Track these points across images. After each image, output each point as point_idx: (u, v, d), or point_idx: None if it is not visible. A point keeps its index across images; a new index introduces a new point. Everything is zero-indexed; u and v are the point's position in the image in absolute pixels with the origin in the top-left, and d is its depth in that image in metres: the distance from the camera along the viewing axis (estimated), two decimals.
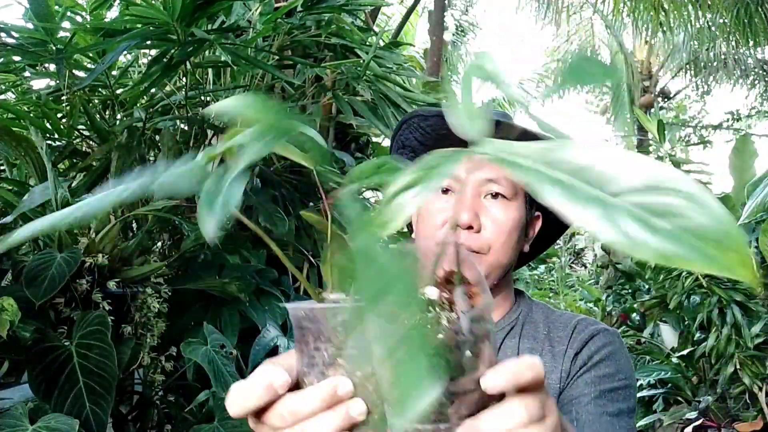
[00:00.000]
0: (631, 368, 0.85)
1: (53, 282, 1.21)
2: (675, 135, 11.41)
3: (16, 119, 1.49)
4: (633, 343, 3.35)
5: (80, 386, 1.22)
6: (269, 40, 1.78)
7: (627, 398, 0.80)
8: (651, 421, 2.67)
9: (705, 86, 10.19)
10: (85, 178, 1.58)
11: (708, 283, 2.43)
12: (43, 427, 1.06)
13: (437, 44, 4.62)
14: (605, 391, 0.79)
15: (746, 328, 2.27)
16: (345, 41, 1.80)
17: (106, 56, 1.40)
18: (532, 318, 0.91)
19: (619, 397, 0.80)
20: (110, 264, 1.41)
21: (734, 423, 2.36)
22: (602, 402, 0.78)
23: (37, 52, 1.42)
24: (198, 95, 1.84)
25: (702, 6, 6.48)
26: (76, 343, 1.26)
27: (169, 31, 1.35)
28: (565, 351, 0.85)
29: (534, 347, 0.86)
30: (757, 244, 2.34)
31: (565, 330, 0.87)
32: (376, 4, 2.26)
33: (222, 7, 1.49)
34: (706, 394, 2.55)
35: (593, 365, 0.82)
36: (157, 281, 1.50)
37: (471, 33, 10.03)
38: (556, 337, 0.87)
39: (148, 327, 1.45)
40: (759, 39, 6.54)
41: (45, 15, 1.38)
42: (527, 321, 0.90)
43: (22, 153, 1.43)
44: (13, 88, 1.73)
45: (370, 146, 2.56)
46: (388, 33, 4.82)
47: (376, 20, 3.19)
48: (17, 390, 1.35)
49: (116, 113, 1.72)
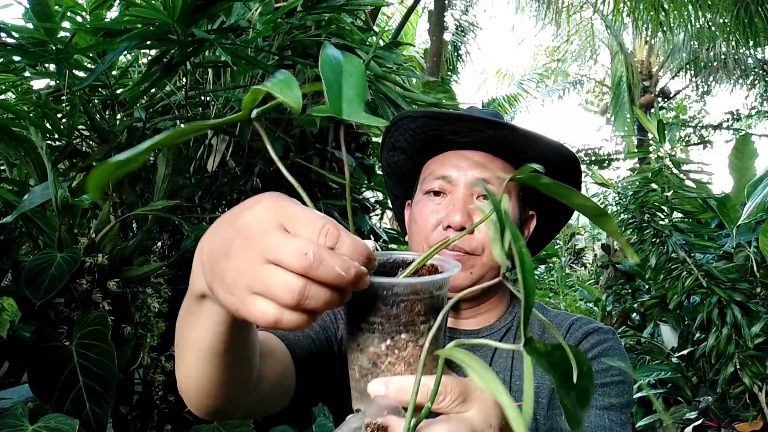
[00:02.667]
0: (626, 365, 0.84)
1: (53, 282, 1.21)
2: (675, 135, 11.41)
3: (16, 119, 1.49)
4: (633, 343, 3.35)
5: (80, 386, 1.22)
6: (269, 40, 1.78)
7: (620, 394, 0.80)
8: (651, 421, 2.67)
9: (705, 86, 10.19)
10: (85, 178, 1.58)
11: (708, 283, 2.43)
12: (43, 427, 1.06)
13: (437, 44, 4.62)
14: (597, 386, 0.79)
15: (746, 328, 2.27)
16: (345, 41, 1.80)
17: (106, 56, 1.40)
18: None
19: (611, 392, 0.79)
20: (110, 264, 1.41)
21: (734, 423, 2.36)
22: (593, 396, 0.78)
23: (37, 52, 1.42)
24: (198, 95, 1.84)
25: (702, 6, 6.48)
26: (76, 343, 1.26)
27: (169, 31, 1.35)
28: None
29: None
30: (757, 244, 2.34)
31: (560, 330, 0.87)
32: (376, 4, 2.26)
33: (222, 8, 1.49)
34: (706, 394, 2.54)
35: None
36: (157, 281, 1.50)
37: (471, 33, 10.02)
38: (550, 337, 0.87)
39: (148, 327, 1.44)
40: (759, 39, 6.54)
41: (45, 15, 1.38)
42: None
43: (22, 153, 1.43)
44: (13, 88, 1.72)
45: (370, 146, 2.56)
46: (388, 33, 4.82)
47: (376, 20, 3.19)
48: (17, 390, 1.35)
49: (116, 113, 1.72)
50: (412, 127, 0.89)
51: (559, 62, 11.70)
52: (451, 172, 0.85)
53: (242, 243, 0.38)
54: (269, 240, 0.38)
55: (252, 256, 0.38)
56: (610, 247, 5.48)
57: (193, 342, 0.52)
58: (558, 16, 8.62)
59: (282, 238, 0.38)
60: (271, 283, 0.37)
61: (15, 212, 1.24)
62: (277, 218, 0.39)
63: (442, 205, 0.85)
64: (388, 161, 0.97)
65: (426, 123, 0.87)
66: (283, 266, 0.37)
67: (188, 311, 0.51)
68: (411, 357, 0.45)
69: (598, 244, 8.90)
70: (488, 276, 0.84)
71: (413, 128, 0.89)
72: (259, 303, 0.38)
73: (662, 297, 2.92)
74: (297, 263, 0.36)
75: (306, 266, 0.36)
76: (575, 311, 4.76)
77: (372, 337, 0.45)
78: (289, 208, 0.39)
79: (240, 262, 0.38)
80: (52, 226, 1.34)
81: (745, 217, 2.35)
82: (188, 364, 0.55)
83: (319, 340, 0.81)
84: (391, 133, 0.92)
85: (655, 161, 2.66)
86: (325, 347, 0.81)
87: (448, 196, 0.85)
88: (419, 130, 0.88)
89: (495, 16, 35.99)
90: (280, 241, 0.37)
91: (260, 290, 0.37)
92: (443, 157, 0.89)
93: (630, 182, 2.79)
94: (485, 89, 13.70)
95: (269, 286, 0.37)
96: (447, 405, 0.45)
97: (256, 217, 0.39)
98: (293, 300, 0.37)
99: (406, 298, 0.44)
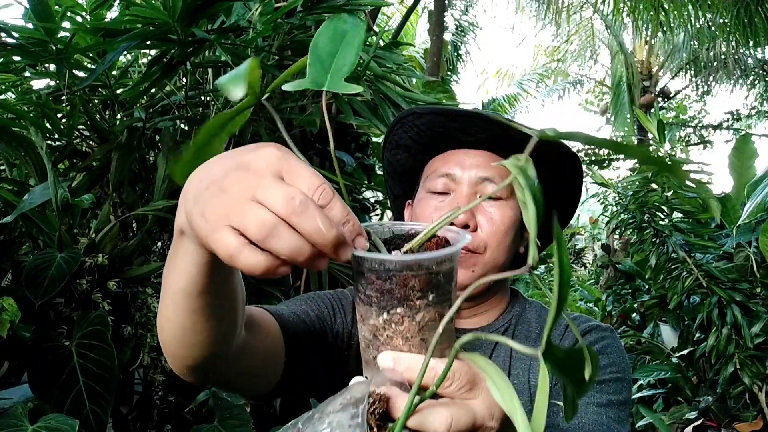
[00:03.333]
0: (625, 363, 0.84)
1: (53, 282, 1.21)
2: (675, 135, 11.41)
3: (16, 119, 1.49)
4: (633, 343, 3.35)
5: (80, 386, 1.22)
6: (269, 40, 1.78)
7: (618, 391, 0.80)
8: (651, 421, 2.67)
9: (705, 86, 10.19)
10: (85, 178, 1.58)
11: (708, 283, 2.43)
12: (43, 427, 1.06)
13: (437, 44, 4.62)
14: (595, 383, 0.79)
15: (746, 328, 2.27)
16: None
17: (106, 56, 1.40)
18: (525, 318, 0.91)
19: (609, 389, 0.79)
20: (110, 264, 1.41)
21: (734, 423, 2.36)
22: (590, 393, 0.78)
23: (37, 52, 1.42)
24: (198, 95, 1.83)
25: (702, 6, 6.48)
26: (76, 343, 1.26)
27: (169, 31, 1.35)
28: None
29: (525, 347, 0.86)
30: (757, 244, 2.34)
31: (558, 329, 0.87)
32: (376, 4, 2.25)
33: (222, 7, 1.49)
34: (706, 394, 2.54)
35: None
36: (157, 281, 1.50)
37: (471, 33, 10.02)
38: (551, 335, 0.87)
39: (148, 327, 1.44)
40: (759, 39, 6.54)
41: (45, 15, 1.38)
42: (520, 321, 0.90)
43: (22, 153, 1.43)
44: (13, 88, 1.72)
45: (370, 146, 2.56)
46: (388, 33, 4.82)
47: (376, 20, 3.19)
48: (17, 390, 1.35)
49: (116, 113, 1.72)
50: (418, 124, 0.88)
51: (559, 62, 11.70)
52: (455, 170, 0.85)
53: (237, 177, 0.39)
54: (263, 181, 0.38)
55: (241, 191, 0.38)
56: (610, 247, 5.48)
57: (171, 283, 0.51)
58: (558, 16, 8.62)
59: (276, 183, 0.38)
60: (247, 216, 0.37)
61: (15, 212, 1.24)
62: (278, 166, 0.39)
63: (445, 203, 0.84)
64: (389, 159, 0.97)
65: (433, 120, 0.86)
66: (267, 207, 0.37)
67: (171, 250, 0.50)
68: (408, 332, 0.46)
69: (598, 244, 8.91)
70: (490, 275, 0.84)
71: (419, 125, 0.88)
72: (226, 234, 0.38)
73: (662, 297, 2.91)
74: (281, 206, 0.37)
75: (289, 210, 0.37)
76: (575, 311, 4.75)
77: (370, 309, 0.46)
78: (293, 159, 0.40)
79: (228, 194, 0.38)
80: (52, 226, 1.34)
81: (745, 217, 2.35)
82: (166, 308, 0.53)
83: (313, 326, 0.80)
84: (395, 131, 0.92)
85: None
86: (318, 333, 0.80)
87: (451, 194, 0.85)
88: (425, 127, 0.88)
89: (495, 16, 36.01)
90: (272, 184, 0.38)
91: (235, 222, 0.38)
92: (447, 155, 0.89)
93: (630, 182, 2.79)
94: (485, 89, 13.71)
95: (244, 218, 0.37)
96: (453, 390, 0.46)
97: (259, 159, 0.40)
98: (260, 234, 0.37)
99: (399, 274, 0.44)
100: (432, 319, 0.46)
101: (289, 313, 0.77)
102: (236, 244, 0.37)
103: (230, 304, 0.55)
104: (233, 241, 0.38)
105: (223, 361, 0.59)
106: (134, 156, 1.56)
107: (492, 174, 0.84)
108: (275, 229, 0.37)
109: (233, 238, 0.38)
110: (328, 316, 0.85)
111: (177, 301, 0.51)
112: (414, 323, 0.46)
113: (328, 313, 0.85)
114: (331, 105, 2.05)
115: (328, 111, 2.12)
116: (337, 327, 0.85)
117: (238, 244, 0.37)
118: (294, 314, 0.78)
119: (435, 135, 0.88)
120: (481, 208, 0.84)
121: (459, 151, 0.88)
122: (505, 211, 0.84)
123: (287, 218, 0.37)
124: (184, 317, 0.52)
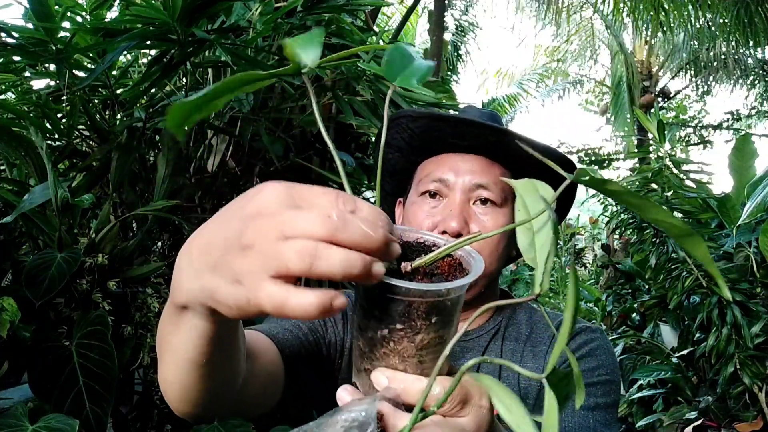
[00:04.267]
0: (614, 364, 0.84)
1: (53, 282, 1.21)
2: (675, 135, 11.41)
3: (16, 119, 1.49)
4: (633, 343, 3.34)
5: (80, 386, 1.22)
6: (269, 40, 1.78)
7: (606, 393, 0.80)
8: (651, 421, 2.67)
9: (705, 86, 10.19)
10: (85, 178, 1.58)
11: (708, 283, 2.43)
12: (43, 427, 1.06)
13: (437, 44, 4.62)
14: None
15: (746, 328, 2.27)
16: (345, 41, 1.80)
17: (106, 56, 1.40)
18: (515, 320, 0.91)
19: (597, 391, 0.79)
20: (110, 264, 1.40)
21: (734, 423, 2.36)
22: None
23: (37, 52, 1.42)
24: None
25: (702, 6, 6.48)
26: (76, 343, 1.26)
27: (169, 31, 1.35)
28: (547, 351, 0.85)
29: (516, 349, 0.86)
30: (757, 244, 2.34)
31: (547, 330, 0.87)
32: (376, 4, 2.25)
33: (222, 7, 1.49)
34: (706, 394, 2.54)
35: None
36: (157, 281, 1.50)
37: (471, 33, 10.02)
38: (538, 337, 0.87)
39: (148, 327, 1.44)
40: (759, 39, 6.54)
41: (45, 15, 1.38)
42: (510, 323, 0.90)
43: (22, 153, 1.42)
44: (13, 88, 1.72)
45: (370, 146, 2.56)
46: (388, 33, 4.82)
47: (376, 20, 3.19)
48: (17, 390, 1.35)
49: (116, 113, 1.72)
50: (412, 127, 0.87)
51: (559, 62, 11.70)
52: (449, 175, 0.85)
53: (255, 228, 0.35)
54: (283, 217, 0.35)
55: (267, 237, 0.34)
56: (610, 247, 5.47)
57: (174, 349, 0.49)
58: (558, 16, 8.63)
59: (298, 212, 0.35)
60: (284, 254, 0.33)
61: (15, 212, 1.24)
62: (288, 198, 0.36)
63: (438, 209, 0.84)
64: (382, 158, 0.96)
65: (427, 124, 0.86)
66: (303, 237, 0.34)
67: (169, 319, 0.48)
68: (405, 351, 0.45)
69: (598, 244, 8.90)
70: (481, 283, 0.84)
71: (413, 128, 0.87)
72: (267, 286, 0.34)
73: (662, 297, 2.91)
74: (319, 227, 0.34)
75: (331, 228, 0.34)
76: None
77: (370, 321, 0.45)
78: (297, 186, 0.37)
79: (254, 247, 0.35)
80: (52, 226, 1.34)
81: (745, 217, 2.35)
82: (168, 368, 0.53)
83: (307, 341, 0.80)
84: (388, 131, 0.91)
85: (655, 161, 2.66)
86: (312, 347, 0.80)
87: (444, 199, 0.84)
88: (419, 131, 0.87)
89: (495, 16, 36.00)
90: (296, 215, 0.34)
91: (274, 269, 0.34)
92: (440, 158, 0.88)
93: (630, 182, 2.79)
94: (485, 89, 13.72)
95: (282, 258, 0.33)
96: (446, 409, 0.45)
97: (266, 200, 0.36)
98: (304, 263, 0.33)
99: (405, 299, 0.43)
100: (431, 341, 0.44)
101: (282, 332, 0.77)
102: (281, 291, 0.34)
103: (235, 361, 0.55)
104: (276, 290, 0.34)
105: (227, 402, 0.59)
106: (134, 156, 1.56)
107: (486, 180, 0.84)
108: (318, 251, 0.33)
109: (275, 287, 0.34)
110: (319, 326, 0.84)
111: (182, 366, 0.50)
112: (413, 344, 0.44)
113: (319, 323, 0.84)
114: (331, 105, 2.05)
115: (328, 111, 2.11)
116: (329, 336, 0.84)
117: (282, 290, 0.34)
118: (287, 330, 0.78)
119: (429, 139, 0.87)
120: (474, 215, 0.83)
121: (453, 156, 0.87)
122: (499, 219, 0.83)
123: (332, 237, 0.34)
124: (190, 381, 0.52)
